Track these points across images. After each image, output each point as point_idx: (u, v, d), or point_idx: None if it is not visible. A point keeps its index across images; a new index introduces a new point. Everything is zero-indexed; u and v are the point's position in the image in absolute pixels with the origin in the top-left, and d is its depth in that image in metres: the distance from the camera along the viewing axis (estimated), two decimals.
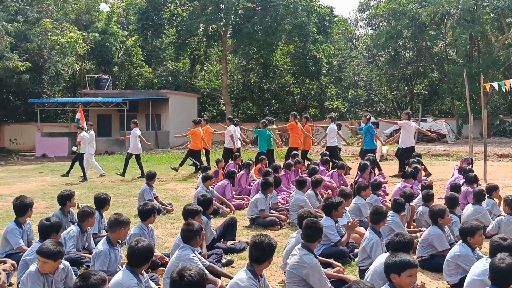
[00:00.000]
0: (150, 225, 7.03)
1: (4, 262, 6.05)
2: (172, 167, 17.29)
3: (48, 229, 5.83)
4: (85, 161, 16.83)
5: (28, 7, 29.55)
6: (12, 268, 6.07)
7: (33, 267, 5.08)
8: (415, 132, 16.34)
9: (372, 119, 16.48)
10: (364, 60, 42.90)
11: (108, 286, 4.17)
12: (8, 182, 17.08)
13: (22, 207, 6.80)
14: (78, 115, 19.93)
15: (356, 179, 11.37)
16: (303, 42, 35.38)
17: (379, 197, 9.42)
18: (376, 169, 14.54)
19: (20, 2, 30.43)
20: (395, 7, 34.48)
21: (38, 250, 5.09)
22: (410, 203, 8.43)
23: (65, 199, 7.86)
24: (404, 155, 14.79)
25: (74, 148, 17.25)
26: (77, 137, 17.43)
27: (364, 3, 42.53)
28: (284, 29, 32.62)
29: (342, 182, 12.53)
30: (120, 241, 6.15)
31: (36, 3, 29.64)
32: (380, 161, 17.69)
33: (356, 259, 6.51)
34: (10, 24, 26.21)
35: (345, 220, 7.46)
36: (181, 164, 17.18)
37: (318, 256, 5.84)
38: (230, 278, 5.42)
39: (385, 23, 37.83)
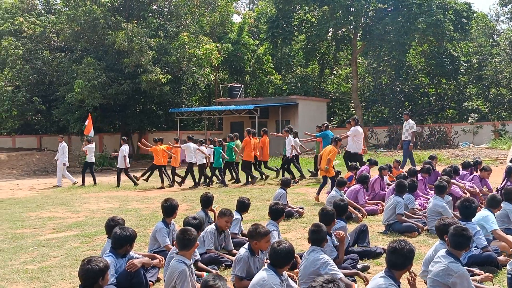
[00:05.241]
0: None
1: (154, 258, 6.41)
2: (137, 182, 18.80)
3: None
4: (59, 169, 19.83)
5: (168, 23, 31.71)
6: (162, 263, 6.40)
7: (182, 266, 5.30)
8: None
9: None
10: (507, 57, 39.51)
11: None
12: (153, 186, 18.40)
13: (170, 208, 7.25)
14: (86, 122, 21.63)
15: (503, 184, 10.47)
16: (438, 40, 33.60)
17: None
18: None
19: (160, 19, 32.79)
20: None
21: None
22: None
23: (210, 201, 8.37)
24: (348, 159, 15.27)
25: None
26: (82, 148, 20.00)
27: None
28: (417, 28, 31.29)
29: (485, 186, 11.63)
30: (262, 251, 6.04)
31: (175, 19, 31.66)
32: None
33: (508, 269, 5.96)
34: (152, 40, 28.31)
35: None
36: (148, 177, 19.00)
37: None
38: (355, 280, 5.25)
39: None
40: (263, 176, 17.68)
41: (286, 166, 17.33)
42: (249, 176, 17.37)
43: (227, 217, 7.27)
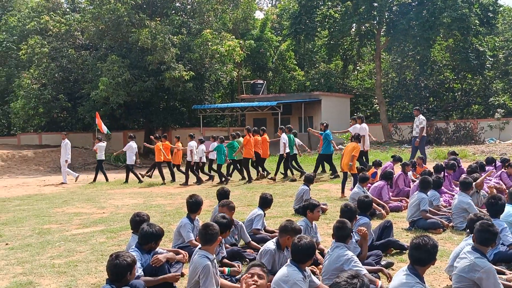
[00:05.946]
0: (314, 223, 7.20)
1: (178, 253, 6.44)
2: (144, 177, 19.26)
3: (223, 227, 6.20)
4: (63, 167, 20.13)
5: (190, 20, 31.85)
6: (186, 258, 6.42)
7: (205, 261, 5.32)
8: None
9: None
10: None
11: None
12: (177, 182, 18.53)
13: (195, 204, 7.30)
14: (96, 121, 21.92)
15: None
16: (463, 35, 33.05)
17: None
18: None
19: (183, 16, 32.95)
20: None
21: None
22: None
23: (227, 195, 8.40)
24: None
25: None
26: (93, 146, 19.71)
27: None
28: (442, 23, 30.82)
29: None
30: (288, 248, 6.00)
31: (198, 16, 31.78)
32: None
33: None
34: (175, 37, 28.48)
35: None
36: (152, 173, 19.60)
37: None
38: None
39: None
40: (265, 173, 17.87)
41: (287, 164, 17.55)
42: (259, 172, 17.65)
43: (220, 207, 7.44)
